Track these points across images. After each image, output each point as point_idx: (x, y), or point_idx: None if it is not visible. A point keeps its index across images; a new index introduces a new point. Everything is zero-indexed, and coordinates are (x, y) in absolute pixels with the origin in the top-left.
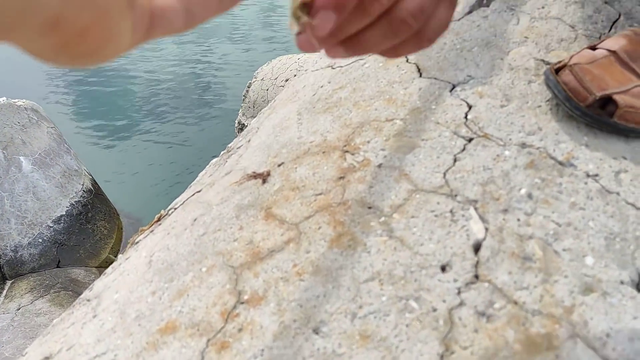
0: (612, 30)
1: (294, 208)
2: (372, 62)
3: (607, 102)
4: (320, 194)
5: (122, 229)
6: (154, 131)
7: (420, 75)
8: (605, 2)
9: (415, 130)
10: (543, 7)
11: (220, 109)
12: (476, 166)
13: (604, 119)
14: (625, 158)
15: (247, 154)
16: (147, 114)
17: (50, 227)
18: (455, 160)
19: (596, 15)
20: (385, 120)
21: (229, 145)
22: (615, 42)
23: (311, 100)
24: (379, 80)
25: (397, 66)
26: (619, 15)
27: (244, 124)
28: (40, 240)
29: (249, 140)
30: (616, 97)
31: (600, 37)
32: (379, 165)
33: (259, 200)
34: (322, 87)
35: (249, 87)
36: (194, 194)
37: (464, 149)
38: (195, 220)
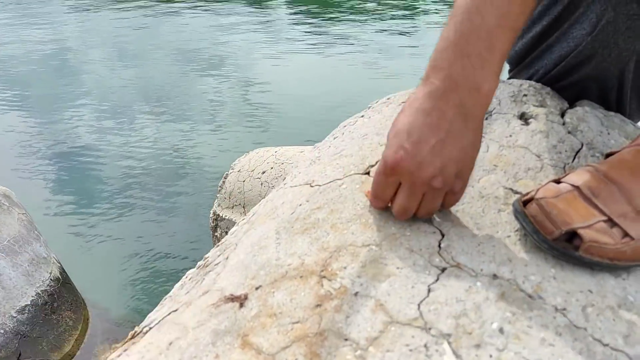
0: (576, 160)
1: (270, 337)
2: (349, 182)
3: (572, 236)
4: (297, 322)
5: (88, 319)
6: (126, 217)
7: None
8: (569, 132)
9: (391, 257)
10: (510, 136)
11: (195, 197)
12: (449, 298)
13: (569, 253)
14: (591, 292)
15: (225, 273)
16: (120, 200)
17: (14, 317)
18: (429, 291)
19: (560, 145)
20: (361, 245)
21: (207, 255)
22: (579, 177)
23: (290, 219)
24: (355, 203)
25: None
26: (582, 145)
27: (219, 215)
28: (1, 331)
29: (227, 258)
30: (581, 232)
31: (564, 167)
32: (356, 294)
33: (236, 325)
34: (300, 205)
35: (225, 178)
36: (170, 313)
37: (437, 279)
38: (170, 344)
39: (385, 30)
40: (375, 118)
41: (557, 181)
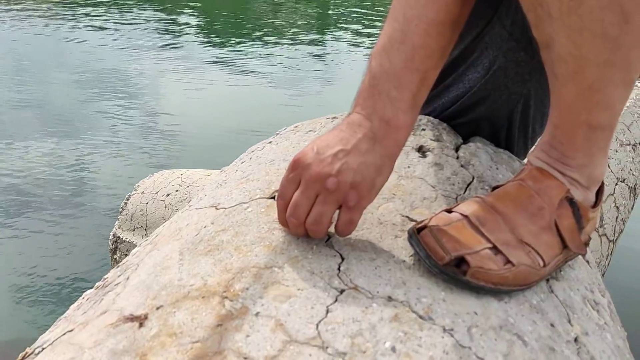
0: (467, 191)
1: (170, 356)
2: (254, 206)
3: (461, 262)
4: (197, 341)
5: None
6: (18, 237)
7: None
8: (462, 166)
9: (292, 279)
10: (409, 167)
11: (94, 219)
12: (346, 318)
13: (458, 277)
14: (476, 313)
15: (125, 293)
16: (11, 219)
17: None
18: (327, 312)
19: (453, 177)
20: (264, 267)
21: (106, 276)
22: (468, 207)
23: (194, 240)
24: (260, 226)
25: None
26: (473, 179)
27: (119, 237)
28: None
29: (127, 278)
30: (468, 258)
31: (456, 198)
32: (257, 314)
33: (135, 345)
34: (205, 227)
35: (127, 200)
36: (65, 334)
37: (336, 300)
38: None
39: (296, 60)
40: (282, 144)
41: (449, 210)
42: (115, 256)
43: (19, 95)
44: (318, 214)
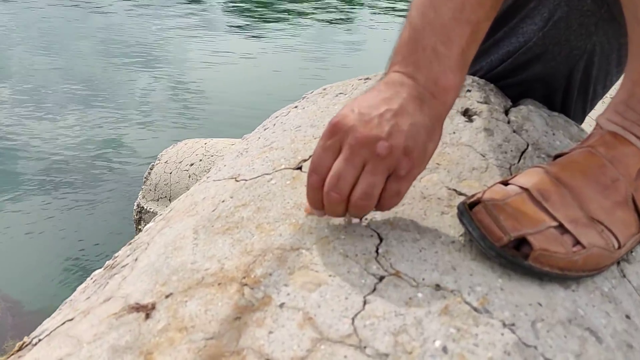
0: (521, 160)
1: (179, 355)
2: (279, 178)
3: (521, 243)
4: (211, 338)
5: None
6: (44, 208)
7: None
8: (514, 131)
9: (323, 263)
10: (454, 133)
11: (119, 189)
12: (387, 311)
13: (518, 261)
14: (540, 305)
15: (132, 277)
16: (39, 190)
17: None
18: (365, 303)
19: (505, 145)
20: (290, 249)
21: (117, 254)
22: (528, 178)
23: (210, 216)
24: (285, 201)
25: (305, 186)
26: (527, 146)
27: (143, 207)
28: None
29: (135, 259)
30: (530, 239)
31: (510, 168)
32: (281, 305)
33: (139, 341)
34: (223, 202)
35: (151, 169)
36: (64, 323)
37: (374, 289)
38: None
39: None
40: (309, 109)
41: (505, 182)
42: (139, 226)
43: (46, 65)
44: (368, 186)
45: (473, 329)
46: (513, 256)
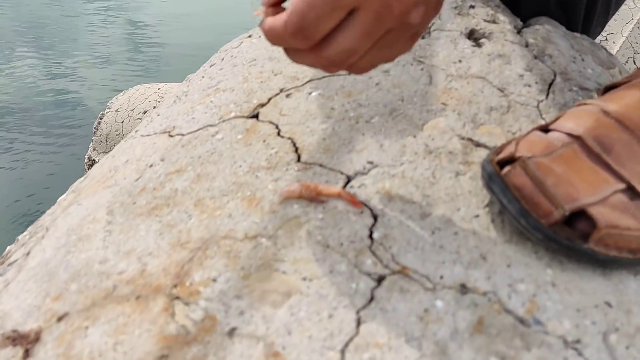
0: (550, 95)
1: None
2: (227, 131)
3: (574, 215)
4: None
5: None
6: None
7: (299, 159)
8: (535, 58)
9: (292, 259)
10: (460, 61)
11: (68, 139)
12: (393, 335)
13: (576, 246)
14: (610, 305)
15: (15, 284)
16: None
17: None
18: (358, 323)
19: (528, 75)
20: (244, 237)
21: (10, 246)
22: (577, 121)
23: (132, 189)
24: (236, 163)
25: (264, 141)
26: (555, 76)
27: (95, 160)
28: None
29: (27, 253)
30: (593, 212)
31: (537, 106)
32: (231, 332)
33: None
34: (151, 166)
35: (101, 119)
36: None
37: (371, 299)
38: None
39: None
40: None
41: (545, 128)
42: None
43: None
44: (381, 60)
45: (522, 353)
46: (569, 239)
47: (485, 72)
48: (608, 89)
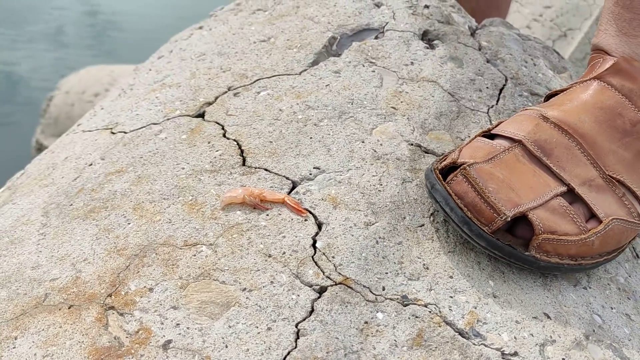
0: (500, 100)
1: None
2: (171, 130)
3: (516, 222)
4: None
5: None
6: None
7: (244, 162)
8: (487, 61)
9: (233, 268)
10: (412, 64)
11: (14, 122)
12: (332, 349)
13: (517, 253)
14: (548, 316)
15: None
16: None
17: None
18: (297, 336)
19: (479, 80)
20: (183, 245)
21: None
22: (518, 126)
23: (69, 189)
24: (178, 165)
25: (209, 143)
26: (506, 80)
27: (42, 144)
28: None
29: None
30: (533, 217)
31: (488, 111)
32: (166, 345)
33: None
34: (90, 165)
35: (50, 101)
36: None
37: (312, 311)
38: None
39: None
40: (218, 30)
41: (488, 133)
42: None
43: None
44: None
45: None
46: (511, 245)
47: (437, 76)
48: (550, 96)
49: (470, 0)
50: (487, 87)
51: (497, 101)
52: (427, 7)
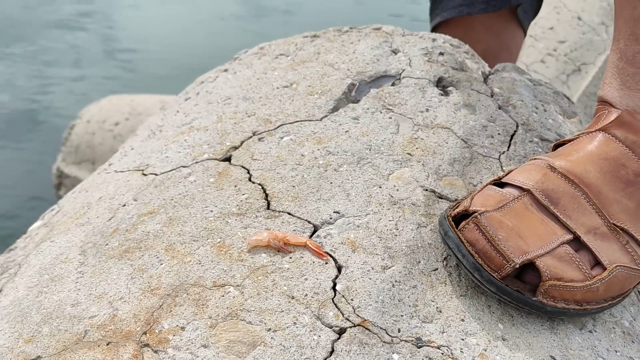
0: (511, 146)
1: None
2: (200, 173)
3: (524, 267)
4: None
5: None
6: None
7: (269, 206)
8: (499, 108)
9: (259, 309)
10: (427, 110)
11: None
12: None
13: (525, 299)
14: (555, 359)
15: None
16: None
17: None
18: None
19: (491, 126)
20: (212, 285)
21: None
22: (527, 175)
23: (104, 229)
24: (207, 208)
25: (235, 186)
26: (517, 126)
27: (63, 171)
28: None
29: (0, 290)
30: (540, 265)
31: (499, 158)
32: None
33: None
34: (124, 206)
35: (71, 129)
36: None
37: (332, 352)
38: None
39: None
40: (242, 74)
41: (499, 182)
42: (60, 192)
43: None
44: None
45: None
46: (519, 291)
47: (450, 122)
48: (558, 145)
49: (481, 42)
50: (499, 134)
51: (509, 147)
52: (442, 54)
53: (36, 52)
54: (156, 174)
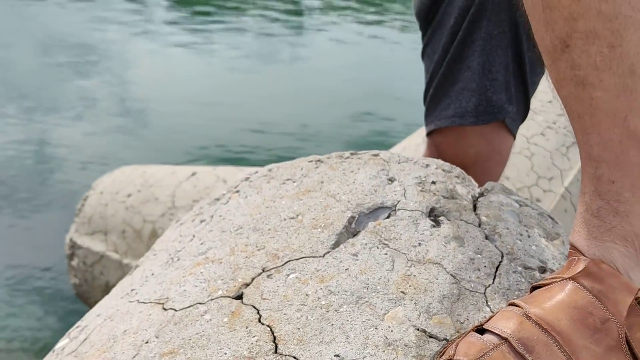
0: (496, 279)
1: None
2: (215, 311)
3: None
4: None
5: None
6: None
7: (276, 349)
8: (486, 238)
9: None
10: (420, 245)
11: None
12: None
13: None
14: None
15: None
16: None
17: None
18: None
19: (478, 258)
20: None
21: None
22: (506, 323)
23: None
24: (221, 350)
25: (247, 328)
26: (502, 257)
27: (76, 242)
28: None
29: None
30: None
31: (485, 292)
32: None
33: None
34: (147, 343)
35: (85, 200)
36: None
37: None
38: None
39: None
40: (252, 200)
41: (481, 328)
42: (72, 262)
43: None
44: None
45: None
46: None
47: (441, 257)
48: (534, 288)
49: (473, 146)
50: (485, 266)
51: (494, 279)
52: (434, 183)
53: (42, 115)
54: (175, 310)
